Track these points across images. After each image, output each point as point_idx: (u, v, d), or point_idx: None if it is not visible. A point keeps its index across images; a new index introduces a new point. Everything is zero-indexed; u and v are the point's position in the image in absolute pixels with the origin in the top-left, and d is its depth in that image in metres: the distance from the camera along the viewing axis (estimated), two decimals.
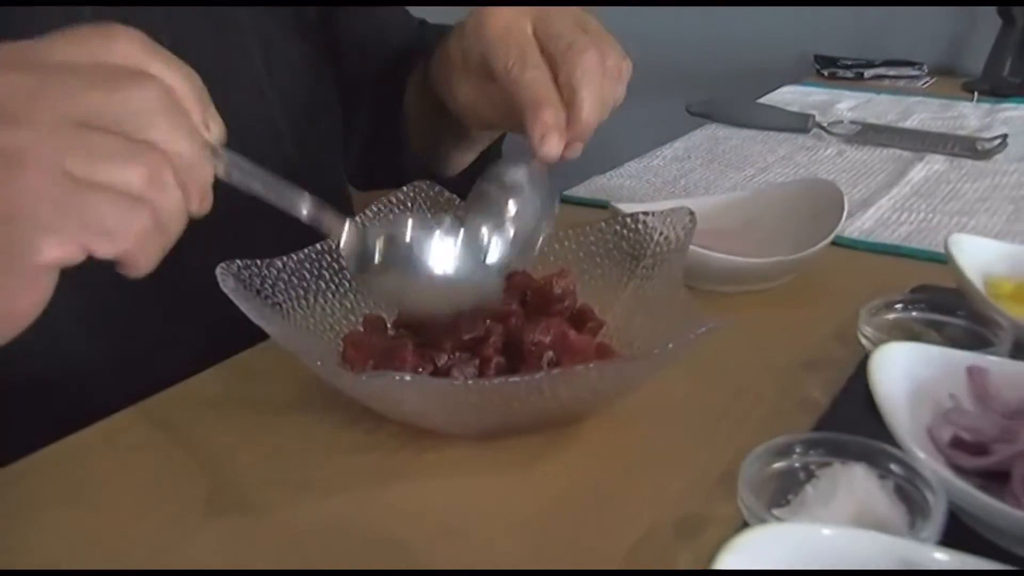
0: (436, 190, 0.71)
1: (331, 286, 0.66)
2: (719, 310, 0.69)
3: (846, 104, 1.37)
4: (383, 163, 0.89)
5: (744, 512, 0.44)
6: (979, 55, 1.50)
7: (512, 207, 0.60)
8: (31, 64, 0.44)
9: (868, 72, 1.54)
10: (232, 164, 0.50)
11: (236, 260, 0.60)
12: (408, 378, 0.52)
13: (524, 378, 0.53)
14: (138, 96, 0.44)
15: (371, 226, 0.57)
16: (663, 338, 0.56)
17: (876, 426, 0.49)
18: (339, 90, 0.88)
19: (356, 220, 0.58)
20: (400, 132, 0.85)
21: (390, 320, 0.64)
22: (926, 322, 0.63)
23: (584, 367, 0.53)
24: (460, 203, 0.69)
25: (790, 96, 1.42)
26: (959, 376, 0.53)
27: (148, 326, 0.71)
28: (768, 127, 1.25)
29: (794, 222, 0.81)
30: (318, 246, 0.65)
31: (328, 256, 0.66)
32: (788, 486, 0.46)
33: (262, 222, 0.73)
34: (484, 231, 0.59)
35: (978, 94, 1.40)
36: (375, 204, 0.71)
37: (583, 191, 1.02)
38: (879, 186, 1.02)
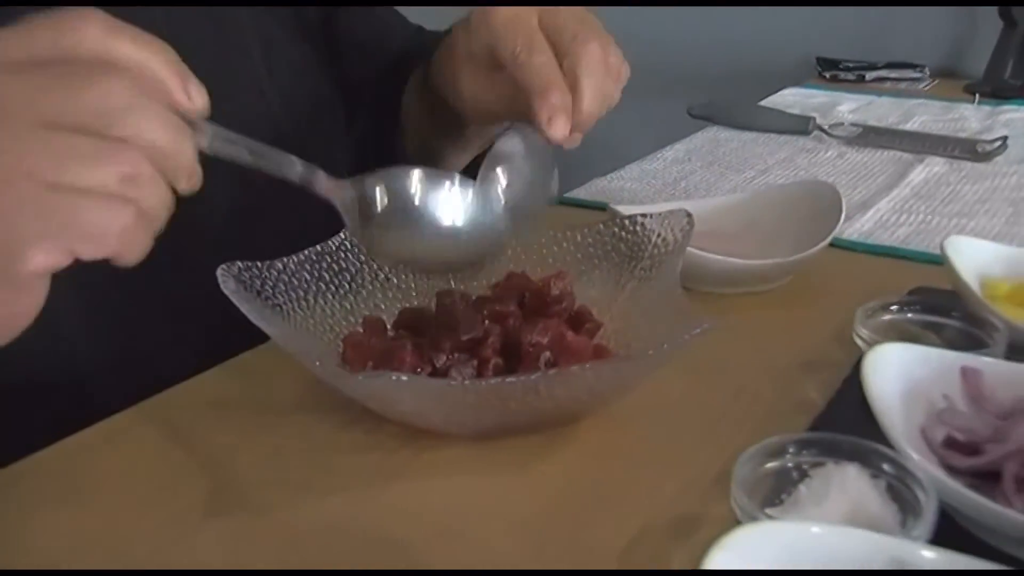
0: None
1: (331, 287, 0.66)
2: (718, 311, 0.69)
3: (847, 106, 1.37)
4: (379, 166, 0.89)
5: (737, 511, 0.44)
6: (981, 57, 1.50)
7: (500, 174, 0.61)
8: None
9: (870, 74, 1.54)
10: (215, 136, 0.48)
11: (236, 262, 0.61)
12: (405, 378, 0.52)
13: (520, 378, 0.53)
14: (105, 92, 0.43)
15: (368, 178, 0.56)
16: (660, 339, 0.57)
17: (871, 426, 0.49)
18: (341, 91, 0.88)
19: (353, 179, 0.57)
20: (396, 135, 0.86)
21: (390, 322, 0.65)
22: (922, 323, 0.64)
23: (580, 367, 0.54)
24: None
25: (791, 98, 1.42)
26: (953, 377, 0.53)
27: (149, 326, 0.71)
28: (769, 129, 1.25)
29: (793, 224, 0.81)
30: (318, 247, 0.66)
31: (328, 258, 0.66)
32: (781, 486, 0.47)
33: (263, 223, 0.74)
34: (471, 192, 0.58)
35: (979, 96, 1.40)
36: None
37: (583, 193, 1.02)
38: (879, 188, 1.03)
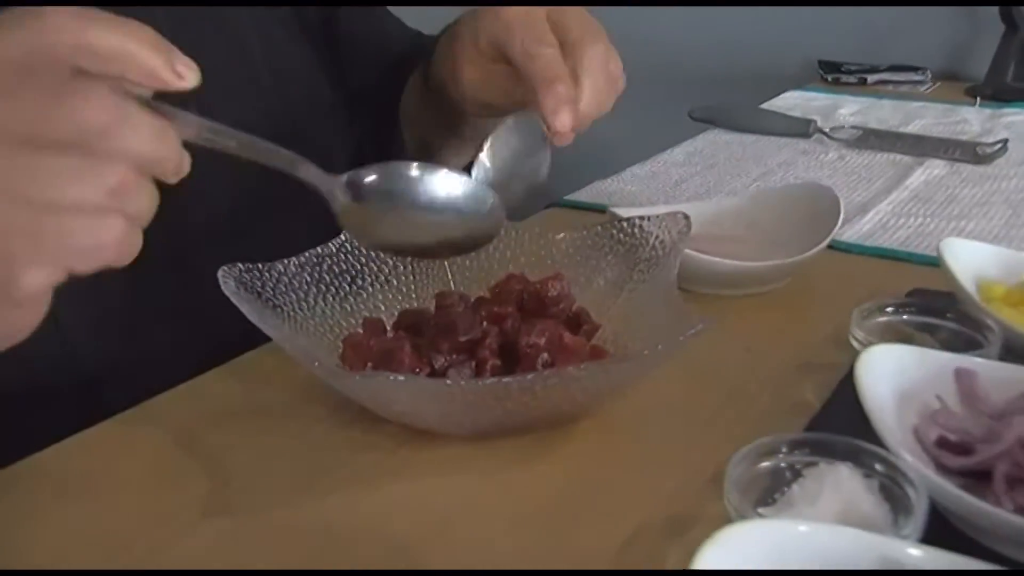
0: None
1: (331, 289, 0.66)
2: (716, 313, 0.69)
3: (848, 109, 1.37)
4: None
5: (730, 510, 0.45)
6: (983, 60, 1.50)
7: (490, 144, 0.62)
8: None
9: (872, 77, 1.54)
10: (201, 127, 0.47)
11: (238, 263, 0.61)
12: (402, 379, 0.53)
13: (516, 379, 0.53)
14: (86, 108, 0.42)
15: (359, 169, 0.56)
16: (656, 340, 0.57)
17: (865, 427, 0.49)
18: (341, 92, 0.89)
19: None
20: (396, 136, 0.86)
21: (389, 323, 0.65)
22: (917, 325, 0.64)
23: (575, 368, 0.54)
24: None
25: (793, 101, 1.42)
26: (946, 378, 0.54)
27: (152, 328, 0.71)
28: (770, 132, 1.25)
29: (792, 226, 0.82)
30: (319, 249, 0.66)
31: (329, 260, 0.67)
32: (775, 485, 0.47)
33: (265, 225, 0.75)
34: (462, 179, 0.58)
35: (981, 99, 1.41)
36: None
37: (585, 195, 1.02)
38: (878, 191, 1.03)
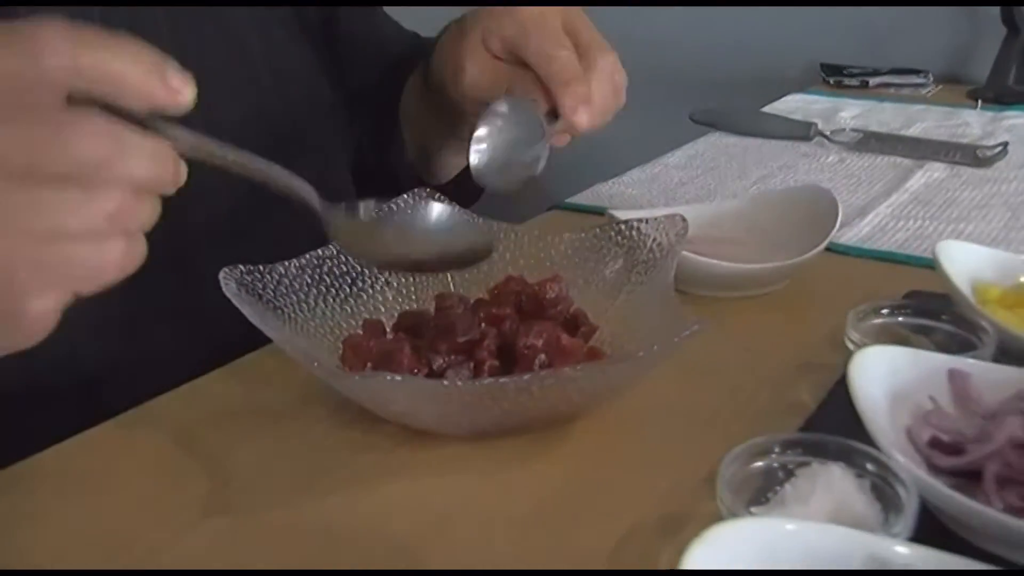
0: (437, 196, 0.72)
1: (332, 290, 0.67)
2: (714, 315, 0.69)
3: (849, 112, 1.37)
4: (378, 170, 0.90)
5: (722, 509, 0.45)
6: (984, 63, 1.50)
7: (481, 128, 0.64)
8: None
9: (873, 80, 1.54)
10: (197, 144, 0.46)
11: (239, 265, 0.62)
12: (400, 379, 0.54)
13: (512, 379, 0.54)
14: (78, 142, 0.42)
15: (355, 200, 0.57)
16: (654, 342, 0.57)
17: (859, 427, 0.50)
18: (341, 93, 0.89)
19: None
20: (395, 136, 0.87)
21: (389, 324, 0.66)
22: (913, 327, 0.64)
23: (571, 368, 0.55)
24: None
25: (794, 104, 1.42)
26: (940, 379, 0.54)
27: (154, 330, 0.72)
28: (771, 135, 1.25)
29: (791, 229, 0.82)
30: (319, 251, 0.67)
31: (329, 262, 0.67)
32: (768, 485, 0.47)
33: (266, 227, 0.75)
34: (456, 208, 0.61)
35: (982, 102, 1.41)
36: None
37: (585, 198, 1.02)
38: (878, 193, 1.03)
